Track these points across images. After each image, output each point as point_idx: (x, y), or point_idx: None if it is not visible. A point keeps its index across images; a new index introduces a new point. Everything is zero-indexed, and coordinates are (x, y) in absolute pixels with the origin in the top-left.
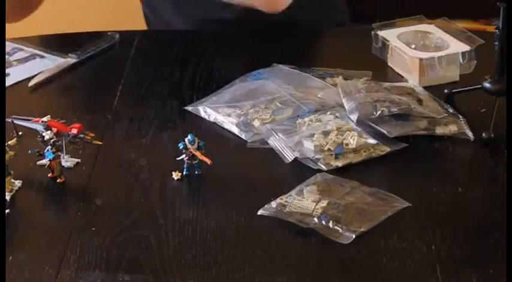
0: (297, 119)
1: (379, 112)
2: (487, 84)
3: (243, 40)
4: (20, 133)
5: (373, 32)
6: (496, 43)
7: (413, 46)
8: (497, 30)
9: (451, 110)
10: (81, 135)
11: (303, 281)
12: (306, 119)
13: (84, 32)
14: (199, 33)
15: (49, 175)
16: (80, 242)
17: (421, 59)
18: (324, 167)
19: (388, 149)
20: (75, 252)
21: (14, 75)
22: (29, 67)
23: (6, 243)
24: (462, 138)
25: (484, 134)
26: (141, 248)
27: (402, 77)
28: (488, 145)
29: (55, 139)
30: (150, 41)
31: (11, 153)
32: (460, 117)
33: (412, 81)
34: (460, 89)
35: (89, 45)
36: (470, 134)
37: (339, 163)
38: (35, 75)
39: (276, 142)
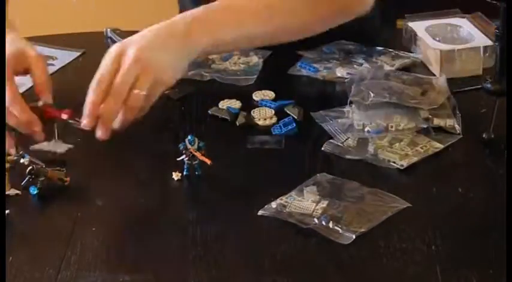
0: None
1: (370, 99)
2: (487, 85)
3: None
4: (21, 152)
5: (403, 23)
6: (496, 43)
7: (437, 38)
8: (497, 30)
9: (452, 105)
10: (71, 121)
11: (303, 281)
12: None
13: (84, 32)
14: None
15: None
16: (80, 242)
17: (441, 51)
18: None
19: (441, 146)
20: (75, 252)
21: None
22: None
23: (6, 243)
24: (453, 134)
25: (484, 134)
26: (141, 248)
27: (427, 67)
28: (488, 145)
29: (30, 167)
30: None
31: (8, 163)
32: (457, 113)
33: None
34: (460, 89)
35: None
36: (458, 128)
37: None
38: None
39: (329, 126)
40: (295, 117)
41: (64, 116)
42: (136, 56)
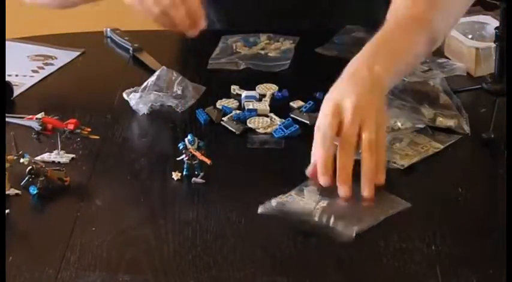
0: None
1: None
2: (487, 85)
3: None
4: (20, 152)
5: None
6: (496, 43)
7: (470, 36)
8: (497, 30)
9: (456, 105)
10: (78, 130)
11: (303, 281)
12: None
13: (85, 31)
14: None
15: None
16: (80, 242)
17: (477, 49)
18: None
19: (441, 146)
20: (75, 252)
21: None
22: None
23: (6, 243)
24: (460, 134)
25: (484, 134)
26: (141, 248)
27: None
28: (488, 145)
29: (30, 167)
30: (150, 41)
31: (8, 163)
32: (464, 112)
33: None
34: (460, 89)
35: None
36: (467, 129)
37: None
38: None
39: None
40: (308, 123)
41: (70, 126)
42: (355, 104)
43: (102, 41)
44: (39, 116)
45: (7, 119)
